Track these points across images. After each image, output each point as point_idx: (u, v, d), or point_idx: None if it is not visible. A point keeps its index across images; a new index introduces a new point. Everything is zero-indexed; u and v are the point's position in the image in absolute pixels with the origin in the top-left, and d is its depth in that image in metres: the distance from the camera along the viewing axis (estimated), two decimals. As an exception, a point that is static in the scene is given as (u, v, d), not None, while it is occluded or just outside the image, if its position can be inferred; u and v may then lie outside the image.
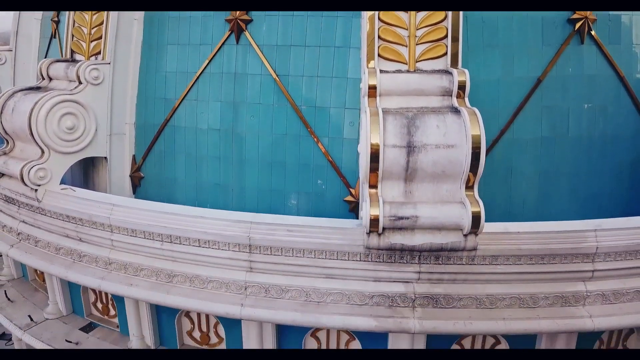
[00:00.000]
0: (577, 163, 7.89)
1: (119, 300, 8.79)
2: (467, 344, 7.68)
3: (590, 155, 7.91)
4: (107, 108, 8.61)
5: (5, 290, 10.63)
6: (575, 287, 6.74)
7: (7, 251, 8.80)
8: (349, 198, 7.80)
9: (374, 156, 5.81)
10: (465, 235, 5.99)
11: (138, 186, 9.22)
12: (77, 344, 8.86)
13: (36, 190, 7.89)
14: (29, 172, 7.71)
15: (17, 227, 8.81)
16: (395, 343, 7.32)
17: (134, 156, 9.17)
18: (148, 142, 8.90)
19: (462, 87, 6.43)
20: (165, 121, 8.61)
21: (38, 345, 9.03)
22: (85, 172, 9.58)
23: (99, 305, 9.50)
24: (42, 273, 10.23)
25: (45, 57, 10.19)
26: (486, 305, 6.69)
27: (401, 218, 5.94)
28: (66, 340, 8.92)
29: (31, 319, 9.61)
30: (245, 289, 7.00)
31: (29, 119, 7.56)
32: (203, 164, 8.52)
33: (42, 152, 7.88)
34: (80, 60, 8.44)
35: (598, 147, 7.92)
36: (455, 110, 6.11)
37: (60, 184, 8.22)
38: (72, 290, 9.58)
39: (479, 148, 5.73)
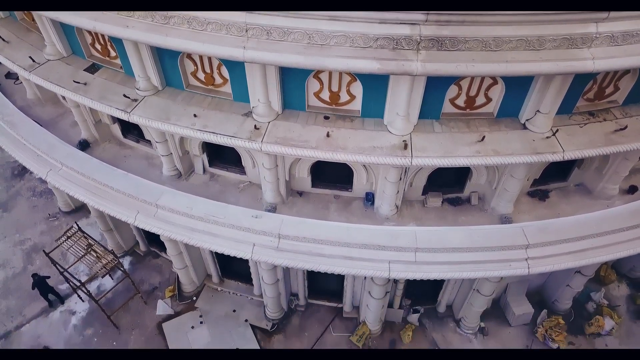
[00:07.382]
0: None
1: (117, 41, 8.63)
2: (465, 85, 7.93)
3: None
4: None
5: (-4, 30, 10.34)
6: (586, 29, 6.57)
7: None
8: None
9: None
10: (483, -28, 5.50)
11: None
12: (85, 84, 9.09)
13: None
14: None
15: (-13, -40, 7.97)
16: (396, 86, 7.55)
17: None
18: None
19: None
20: None
21: (46, 85, 9.24)
22: None
23: (98, 47, 9.38)
24: (30, 12, 9.77)
25: None
26: (491, 48, 6.63)
27: (415, -49, 5.34)
28: (74, 81, 9.13)
29: (33, 60, 9.62)
30: (247, 31, 6.78)
31: None
32: None
33: None
34: None
35: None
36: None
37: None
38: (66, 31, 9.30)
39: None
